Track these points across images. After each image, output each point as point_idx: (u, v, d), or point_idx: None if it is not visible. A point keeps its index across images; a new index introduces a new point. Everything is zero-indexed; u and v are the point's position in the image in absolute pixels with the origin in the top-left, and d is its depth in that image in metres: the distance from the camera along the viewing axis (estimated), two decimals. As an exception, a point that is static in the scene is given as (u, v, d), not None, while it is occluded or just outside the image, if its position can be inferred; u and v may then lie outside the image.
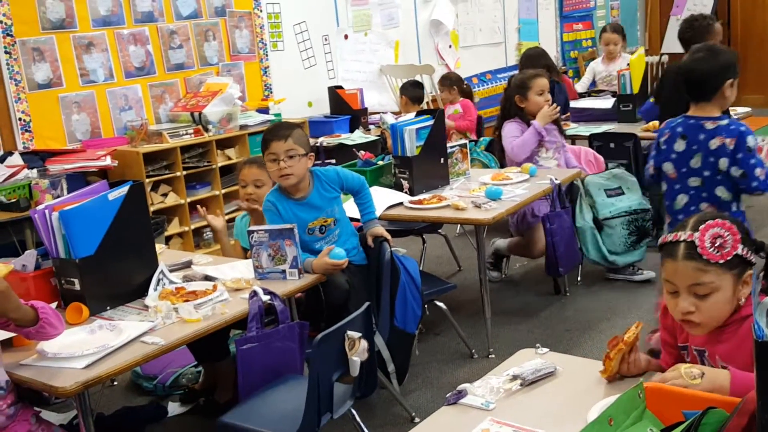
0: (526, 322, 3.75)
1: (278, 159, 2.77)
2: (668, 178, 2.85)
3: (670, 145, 2.81)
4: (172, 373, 3.25)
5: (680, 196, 2.81)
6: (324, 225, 2.91)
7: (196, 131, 4.57)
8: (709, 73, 2.71)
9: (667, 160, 2.82)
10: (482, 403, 1.62)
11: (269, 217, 2.84)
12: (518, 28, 7.62)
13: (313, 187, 2.90)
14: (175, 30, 4.91)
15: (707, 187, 2.75)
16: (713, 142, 2.70)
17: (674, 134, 2.80)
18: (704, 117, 2.74)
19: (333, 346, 2.10)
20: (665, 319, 1.73)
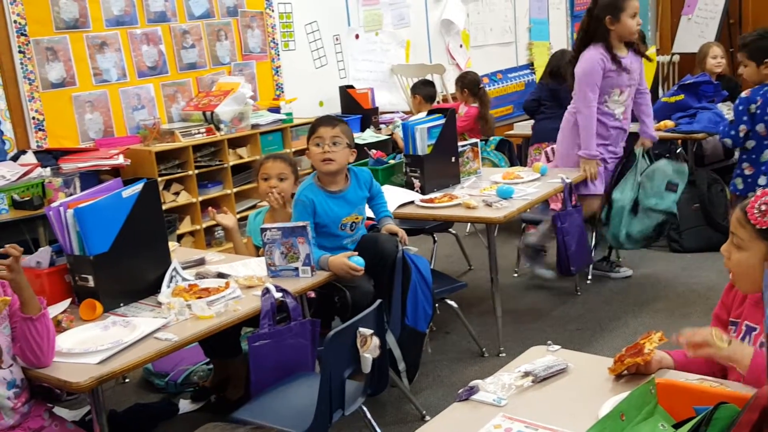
0: (537, 321, 3.75)
1: (323, 143, 2.84)
2: (759, 136, 3.59)
3: (764, 109, 3.52)
4: (184, 370, 3.27)
5: (766, 151, 3.56)
6: (355, 222, 2.95)
7: (208, 130, 4.59)
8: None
9: (761, 122, 3.55)
10: (494, 400, 1.63)
11: (298, 209, 2.86)
12: (529, 28, 7.60)
13: (350, 183, 2.96)
14: (187, 30, 4.94)
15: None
16: None
17: (766, 99, 3.52)
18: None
19: (345, 343, 2.11)
20: (726, 295, 1.81)
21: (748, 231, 1.61)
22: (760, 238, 1.59)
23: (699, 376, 1.60)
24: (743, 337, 1.71)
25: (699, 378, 1.59)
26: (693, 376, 1.61)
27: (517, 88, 7.40)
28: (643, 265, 4.35)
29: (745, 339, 1.70)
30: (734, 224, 1.65)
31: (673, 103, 4.70)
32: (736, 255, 1.65)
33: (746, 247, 1.62)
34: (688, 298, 3.83)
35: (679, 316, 3.62)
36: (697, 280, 4.03)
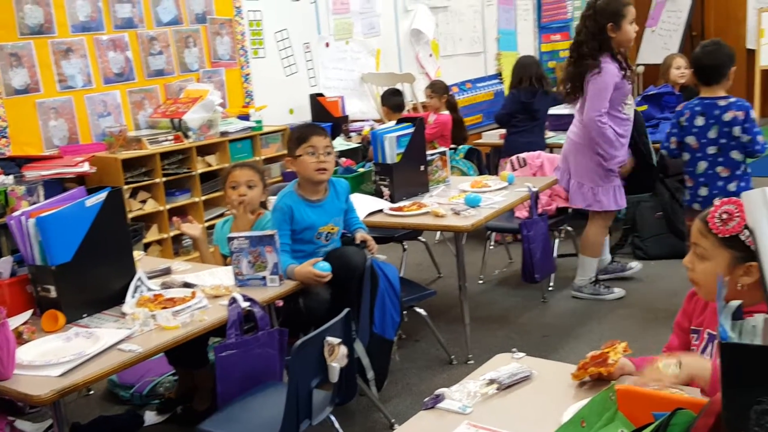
0: (505, 328, 3.78)
1: (318, 152, 2.86)
2: (691, 149, 3.58)
3: (691, 122, 3.54)
4: (150, 381, 3.23)
5: (701, 163, 3.55)
6: (330, 233, 2.96)
7: (176, 138, 4.55)
8: (718, 63, 3.48)
9: (690, 134, 3.55)
10: (459, 407, 1.64)
11: (276, 216, 2.88)
12: (497, 38, 7.69)
13: (329, 193, 2.98)
14: (155, 36, 4.90)
15: (723, 153, 3.50)
16: (727, 115, 3.45)
17: (693, 113, 3.53)
18: (716, 97, 3.49)
19: (312, 353, 2.10)
20: (688, 303, 1.83)
21: (711, 240, 1.62)
22: (722, 246, 1.61)
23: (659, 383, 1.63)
24: (706, 345, 1.73)
25: (658, 385, 1.62)
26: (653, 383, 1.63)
27: (486, 98, 7.47)
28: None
29: (707, 347, 1.73)
30: (695, 235, 1.67)
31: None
32: (699, 266, 1.66)
33: (709, 256, 1.64)
34: (652, 304, 3.89)
35: (643, 321, 3.68)
36: (661, 287, 4.10)
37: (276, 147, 5.20)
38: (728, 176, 3.51)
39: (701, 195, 3.56)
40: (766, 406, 1.03)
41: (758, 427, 1.03)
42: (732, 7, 8.42)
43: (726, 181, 3.51)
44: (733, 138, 3.47)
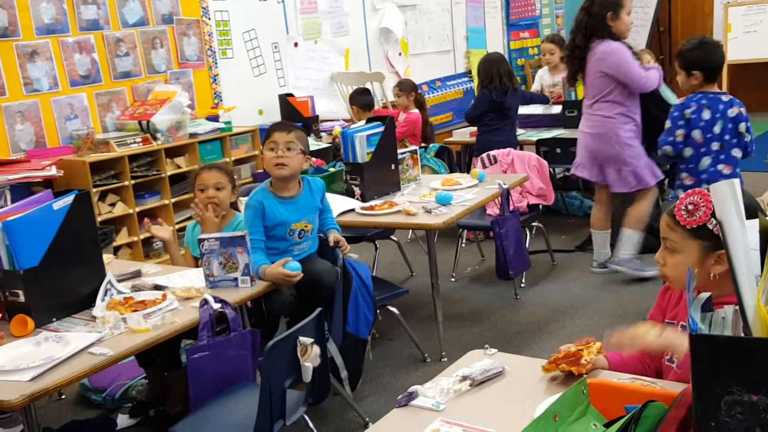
0: (478, 325, 3.80)
1: (277, 148, 2.86)
2: (695, 144, 3.49)
3: (698, 115, 3.46)
4: (122, 385, 3.19)
5: (705, 158, 3.47)
6: (304, 230, 2.95)
7: (144, 140, 4.51)
8: (721, 60, 3.53)
9: (696, 128, 3.47)
10: (433, 404, 1.65)
11: (248, 213, 2.87)
12: (466, 36, 7.73)
13: (302, 191, 2.97)
14: (121, 38, 4.84)
15: (726, 150, 3.44)
16: (732, 111, 3.44)
17: (700, 106, 3.46)
18: (717, 92, 3.48)
19: (285, 353, 2.10)
20: (662, 297, 1.85)
21: (679, 233, 1.64)
22: (691, 237, 1.62)
23: (631, 376, 1.65)
24: None
25: (631, 378, 1.64)
26: (625, 376, 1.66)
27: (456, 96, 7.51)
28: (578, 268, 4.46)
29: None
30: (664, 230, 1.69)
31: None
32: (671, 259, 1.68)
33: (680, 249, 1.65)
34: (624, 300, 3.94)
35: (615, 317, 3.73)
36: (632, 283, 4.16)
37: (246, 148, 5.17)
38: (729, 174, 3.46)
39: None
40: (736, 396, 1.05)
41: (729, 418, 1.06)
42: (698, 2, 8.57)
43: (726, 178, 3.31)
44: (736, 134, 3.46)
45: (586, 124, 4.04)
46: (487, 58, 5.15)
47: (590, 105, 3.98)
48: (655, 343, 1.54)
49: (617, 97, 3.88)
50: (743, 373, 1.08)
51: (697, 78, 3.50)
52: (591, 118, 4.00)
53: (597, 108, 3.94)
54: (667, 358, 1.74)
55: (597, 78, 3.90)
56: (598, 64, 3.87)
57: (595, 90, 3.93)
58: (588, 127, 4.02)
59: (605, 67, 3.85)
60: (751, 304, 1.14)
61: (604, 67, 3.85)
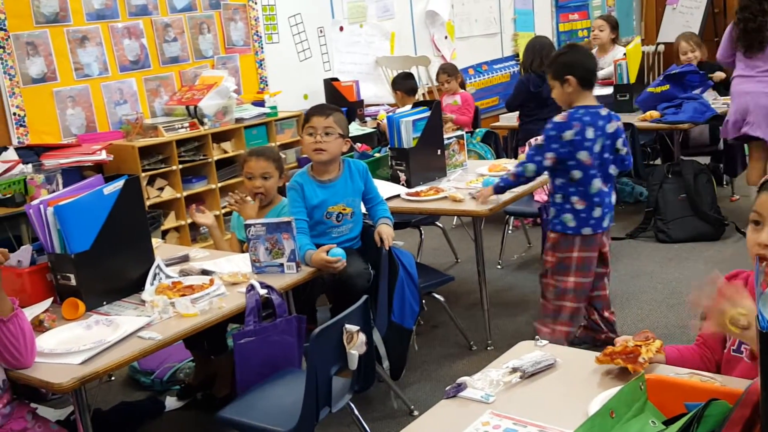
0: (524, 313, 3.74)
1: (316, 133, 2.85)
2: (584, 166, 2.98)
3: (582, 136, 2.95)
4: (170, 367, 3.24)
5: (595, 180, 3.01)
6: (342, 213, 2.94)
7: (191, 125, 4.54)
8: (595, 65, 3.13)
9: (583, 149, 2.96)
10: (482, 396, 1.61)
11: (291, 195, 2.89)
12: (514, 19, 7.58)
13: (342, 173, 2.96)
14: (169, 23, 4.88)
15: (605, 167, 3.02)
16: (610, 126, 3.01)
17: (583, 125, 2.96)
18: (595, 105, 3.03)
19: (331, 340, 2.09)
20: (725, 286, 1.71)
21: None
22: None
23: (689, 371, 1.59)
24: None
25: (689, 372, 1.58)
26: (684, 371, 1.60)
27: (502, 80, 7.39)
28: (629, 256, 4.35)
29: None
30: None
31: (659, 94, 4.70)
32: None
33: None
34: (675, 289, 3.84)
35: (666, 307, 3.63)
36: (685, 271, 4.04)
37: (291, 132, 5.17)
38: (608, 191, 3.06)
39: (595, 216, 3.02)
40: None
41: (797, 418, 1.00)
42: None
43: (609, 196, 3.07)
44: (615, 152, 3.04)
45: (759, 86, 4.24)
46: (531, 42, 5.05)
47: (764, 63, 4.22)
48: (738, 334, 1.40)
49: None
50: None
51: (571, 84, 2.99)
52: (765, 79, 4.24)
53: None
54: (734, 349, 1.66)
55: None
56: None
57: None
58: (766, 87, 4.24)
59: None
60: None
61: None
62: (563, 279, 3.09)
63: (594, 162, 2.98)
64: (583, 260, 3.06)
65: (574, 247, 3.05)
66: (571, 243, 3.05)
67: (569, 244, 3.05)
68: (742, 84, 4.33)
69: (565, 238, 3.06)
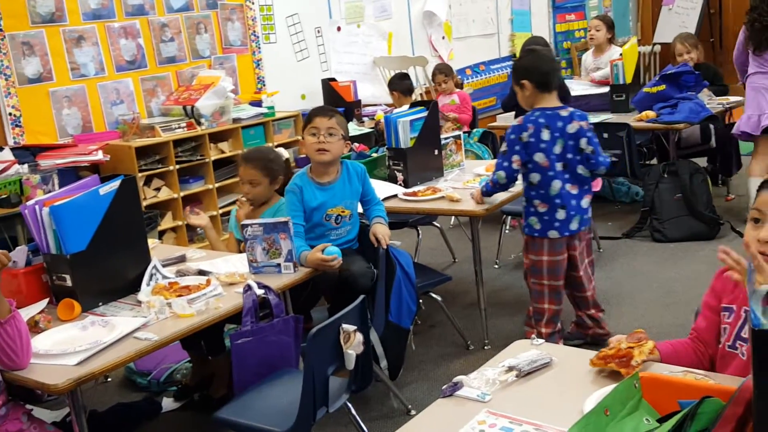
0: (521, 313, 3.72)
1: (319, 133, 2.86)
2: (541, 168, 3.01)
3: (537, 137, 2.99)
4: (167, 368, 3.23)
5: (554, 182, 3.01)
6: (341, 215, 2.95)
7: (188, 125, 4.54)
8: (553, 68, 3.10)
9: (538, 151, 2.99)
10: (478, 395, 1.61)
11: (290, 198, 2.90)
12: (511, 19, 7.59)
13: (341, 175, 2.97)
14: (166, 23, 4.88)
15: (570, 169, 3.01)
16: (571, 126, 2.99)
17: (538, 126, 2.98)
18: (555, 107, 3.02)
19: (328, 340, 2.09)
20: (717, 281, 1.74)
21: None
22: None
23: (683, 369, 1.60)
24: (743, 323, 1.66)
25: (683, 370, 1.58)
26: (678, 368, 1.60)
27: (500, 80, 7.39)
28: (626, 255, 4.36)
29: (745, 325, 1.66)
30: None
31: (655, 94, 4.70)
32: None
33: None
34: (671, 288, 3.84)
35: (662, 306, 3.63)
36: (681, 270, 4.05)
37: (288, 133, 5.17)
38: (578, 193, 3.04)
39: (559, 219, 3.02)
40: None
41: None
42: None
43: (577, 198, 3.04)
44: (578, 152, 2.99)
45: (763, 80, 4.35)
46: (527, 42, 5.06)
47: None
48: None
49: None
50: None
51: (528, 88, 3.01)
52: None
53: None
54: (729, 344, 1.66)
55: None
56: None
57: None
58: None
59: None
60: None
61: None
62: (538, 282, 3.13)
63: (553, 164, 2.99)
64: (553, 264, 3.08)
65: (543, 251, 3.07)
66: (540, 246, 3.08)
67: (538, 247, 3.09)
68: (756, 80, 4.42)
69: (533, 241, 3.10)
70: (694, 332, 1.79)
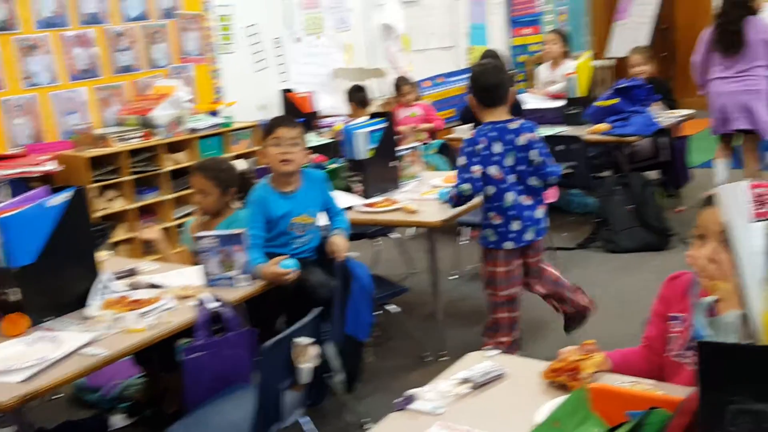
0: (479, 323, 3.73)
1: (282, 144, 2.83)
2: (495, 181, 3.05)
3: (489, 150, 3.03)
4: (118, 384, 3.16)
5: (508, 194, 3.05)
6: (306, 224, 2.92)
7: (144, 135, 4.48)
8: (502, 81, 3.09)
9: (491, 164, 3.04)
10: (431, 408, 1.62)
11: (250, 209, 2.87)
12: (468, 32, 7.68)
13: (303, 184, 2.95)
14: (122, 32, 4.81)
15: (523, 181, 3.06)
16: (520, 139, 3.02)
17: (490, 139, 3.03)
18: (505, 120, 3.05)
19: (282, 354, 2.07)
20: (666, 289, 1.77)
21: None
22: None
23: (633, 379, 1.62)
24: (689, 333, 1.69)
25: (633, 380, 1.61)
26: (627, 379, 1.62)
27: (458, 92, 7.45)
28: (579, 266, 4.42)
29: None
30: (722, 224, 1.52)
31: (608, 107, 4.80)
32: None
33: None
34: (624, 298, 3.91)
35: (615, 316, 3.69)
36: (633, 281, 4.12)
37: (246, 143, 5.13)
38: (532, 204, 3.08)
39: (514, 230, 3.06)
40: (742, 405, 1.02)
41: (733, 427, 1.02)
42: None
43: (531, 209, 3.08)
44: (529, 163, 3.04)
45: (746, 82, 4.71)
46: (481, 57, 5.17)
47: (743, 62, 4.71)
48: None
49: None
50: (749, 381, 1.04)
51: (472, 102, 3.08)
52: (753, 75, 4.71)
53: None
54: (676, 354, 1.68)
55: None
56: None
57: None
58: (749, 85, 4.72)
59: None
60: (757, 309, 1.11)
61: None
62: (494, 293, 3.16)
63: (506, 176, 3.03)
64: (508, 274, 3.12)
65: (498, 261, 3.11)
66: (495, 257, 3.11)
67: (494, 258, 3.12)
68: (720, 86, 4.76)
69: (489, 252, 3.13)
70: (646, 340, 1.82)
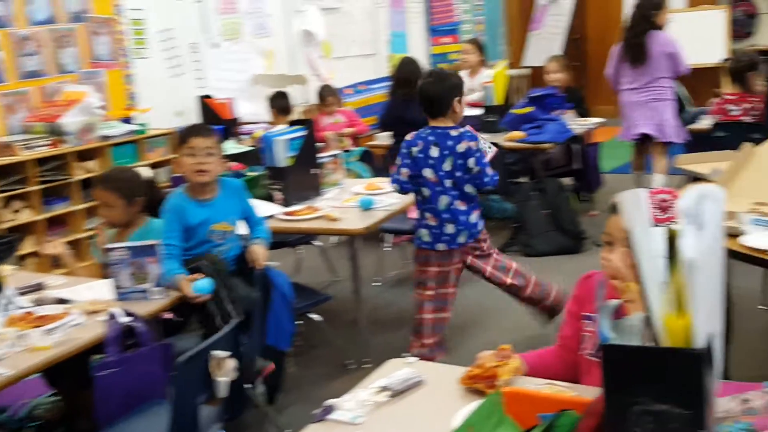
0: (403, 329, 3.77)
1: (197, 154, 2.76)
2: (430, 183, 3.16)
3: (426, 153, 3.13)
4: (26, 403, 3.01)
5: (442, 197, 3.15)
6: (226, 231, 2.85)
7: (52, 143, 4.29)
8: (441, 94, 3.15)
9: (427, 167, 3.14)
10: (350, 418, 1.60)
11: (167, 218, 2.78)
12: (389, 41, 7.73)
13: (220, 192, 2.89)
14: (28, 35, 4.60)
15: (458, 186, 3.15)
16: (461, 146, 3.11)
17: (427, 143, 3.13)
18: (447, 127, 3.15)
19: (198, 368, 2.01)
20: (579, 289, 1.81)
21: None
22: None
23: (547, 381, 1.65)
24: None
25: (547, 383, 1.64)
26: (542, 381, 1.66)
27: (379, 99, 7.46)
28: (500, 270, 4.49)
29: None
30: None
31: (523, 115, 4.92)
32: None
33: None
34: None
35: (530, 318, 3.76)
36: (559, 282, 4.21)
37: (162, 151, 5.00)
38: (466, 209, 3.17)
39: (448, 233, 3.15)
40: (644, 406, 1.05)
41: (637, 428, 1.05)
42: (611, 10, 8.77)
43: (466, 214, 3.17)
44: (467, 170, 3.12)
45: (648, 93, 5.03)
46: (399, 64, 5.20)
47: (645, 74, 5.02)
48: None
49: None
50: (652, 382, 1.08)
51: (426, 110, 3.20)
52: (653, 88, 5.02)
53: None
54: (590, 353, 1.73)
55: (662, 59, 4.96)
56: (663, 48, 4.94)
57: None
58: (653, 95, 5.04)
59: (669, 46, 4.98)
60: (658, 312, 1.14)
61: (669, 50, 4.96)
62: (423, 291, 3.21)
63: (442, 180, 3.12)
64: (441, 274, 3.18)
65: (430, 261, 3.18)
66: (428, 257, 3.18)
67: (426, 258, 3.19)
68: (629, 96, 5.12)
69: (422, 252, 3.21)
70: (561, 339, 1.87)
